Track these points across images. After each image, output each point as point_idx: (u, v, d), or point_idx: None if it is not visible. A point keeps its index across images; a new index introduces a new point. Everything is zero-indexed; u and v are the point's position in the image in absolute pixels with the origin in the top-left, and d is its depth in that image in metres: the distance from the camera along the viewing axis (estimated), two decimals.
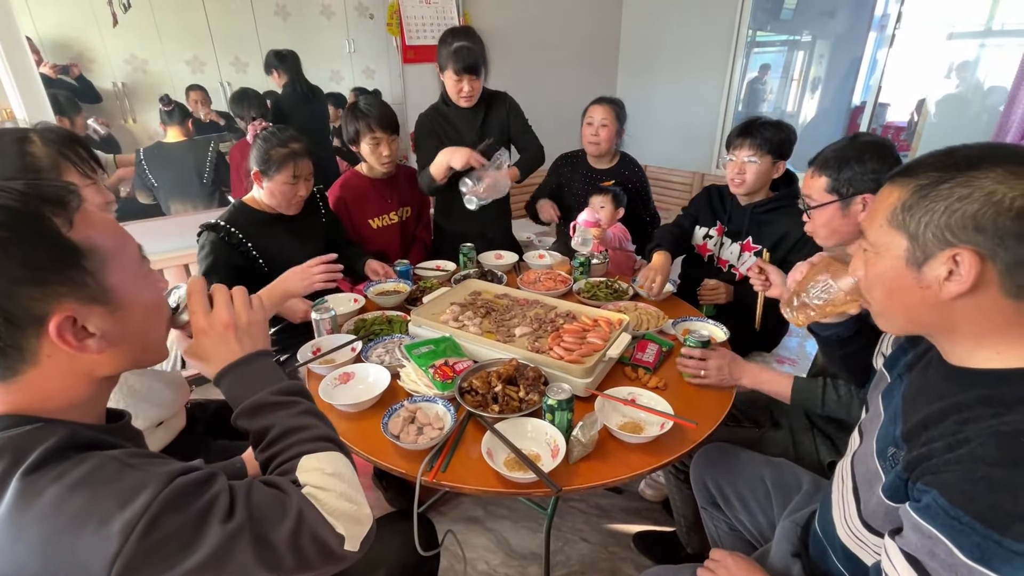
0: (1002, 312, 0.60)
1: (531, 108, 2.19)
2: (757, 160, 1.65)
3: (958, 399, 0.62)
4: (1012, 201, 0.55)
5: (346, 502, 0.61)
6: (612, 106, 2.17)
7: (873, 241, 0.68)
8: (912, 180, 0.62)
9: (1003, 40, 3.43)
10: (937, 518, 0.58)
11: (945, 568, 0.57)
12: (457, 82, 1.94)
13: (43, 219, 0.51)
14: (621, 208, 2.15)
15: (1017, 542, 0.52)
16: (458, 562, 1.60)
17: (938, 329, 0.66)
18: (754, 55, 4.44)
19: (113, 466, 0.51)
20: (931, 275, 0.61)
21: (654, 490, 1.83)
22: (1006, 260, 0.57)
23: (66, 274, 0.52)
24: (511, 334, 1.39)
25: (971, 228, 0.57)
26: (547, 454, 1.05)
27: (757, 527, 1.17)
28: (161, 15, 2.68)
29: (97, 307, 0.54)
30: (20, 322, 0.50)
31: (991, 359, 0.62)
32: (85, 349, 0.54)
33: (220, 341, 0.69)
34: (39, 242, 0.51)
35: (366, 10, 3.30)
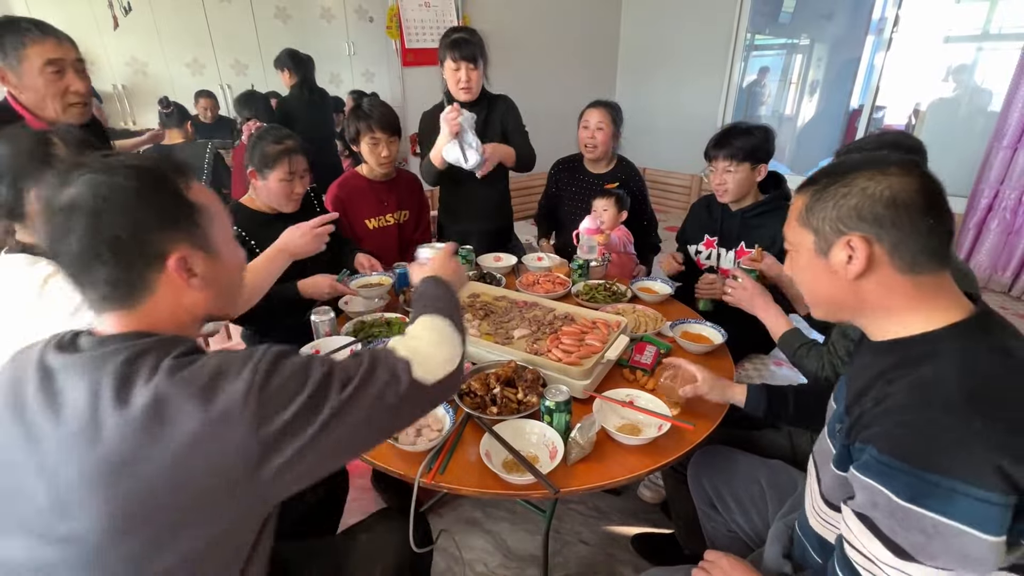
0: (901, 287, 0.71)
1: (530, 111, 2.20)
2: (734, 169, 1.68)
3: (882, 367, 0.72)
4: (881, 192, 0.68)
5: (427, 344, 0.77)
6: (608, 109, 2.17)
7: (791, 241, 0.80)
8: (811, 187, 0.76)
9: (999, 44, 3.45)
10: (872, 469, 0.65)
11: (887, 516, 0.63)
12: (455, 71, 1.97)
13: (170, 180, 0.66)
14: (624, 211, 2.15)
15: (935, 474, 0.59)
16: (456, 563, 1.60)
17: (856, 309, 0.76)
18: (752, 58, 4.46)
19: (235, 351, 0.65)
20: (836, 261, 0.73)
21: (653, 492, 1.83)
22: (890, 240, 0.69)
23: (183, 223, 0.66)
24: (509, 336, 1.39)
25: (855, 217, 0.70)
26: (545, 456, 1.06)
27: (754, 529, 1.17)
28: (161, 18, 2.69)
29: (202, 253, 0.68)
30: (149, 259, 0.64)
31: (901, 329, 0.72)
32: (190, 285, 0.67)
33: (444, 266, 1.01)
34: (167, 196, 0.65)
35: (366, 13, 3.31)
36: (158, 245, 0.64)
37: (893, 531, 0.63)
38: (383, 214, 2.08)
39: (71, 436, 0.56)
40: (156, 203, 0.64)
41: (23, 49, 1.32)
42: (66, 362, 0.61)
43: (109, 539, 0.55)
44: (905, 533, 0.62)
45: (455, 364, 0.77)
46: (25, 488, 0.57)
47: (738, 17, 4.12)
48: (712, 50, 4.31)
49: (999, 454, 0.58)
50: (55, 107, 1.39)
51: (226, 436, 0.57)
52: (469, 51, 1.94)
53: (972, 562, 0.60)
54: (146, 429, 0.55)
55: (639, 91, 4.87)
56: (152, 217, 0.63)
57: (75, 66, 1.41)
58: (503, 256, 2.08)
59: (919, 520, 0.60)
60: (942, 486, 0.59)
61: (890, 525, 0.63)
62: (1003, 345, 0.68)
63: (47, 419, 0.58)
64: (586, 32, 4.52)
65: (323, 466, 0.63)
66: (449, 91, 2.06)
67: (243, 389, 0.58)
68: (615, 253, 2.09)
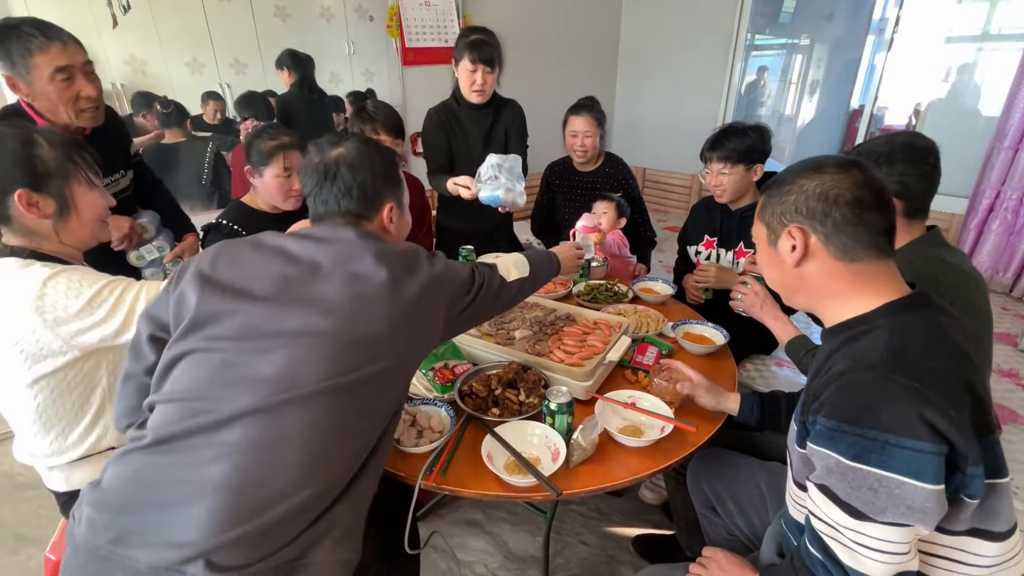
0: (840, 273, 0.78)
1: (529, 110, 2.19)
2: (728, 171, 1.69)
3: (831, 348, 0.80)
4: (814, 188, 0.78)
5: (507, 261, 1.13)
6: (591, 114, 2.17)
7: (753, 235, 0.90)
8: (768, 188, 0.86)
9: (1000, 44, 3.44)
10: (823, 436, 0.71)
11: (840, 479, 0.68)
12: (471, 72, 1.95)
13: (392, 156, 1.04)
14: (623, 218, 2.15)
15: (871, 429, 0.65)
16: (458, 565, 1.60)
17: (808, 295, 0.84)
18: (752, 58, 4.45)
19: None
20: (782, 250, 0.82)
21: (654, 493, 1.83)
22: (823, 231, 0.77)
23: (395, 182, 1.02)
24: (511, 337, 1.39)
25: (793, 211, 0.80)
26: (547, 457, 1.05)
27: (753, 531, 1.17)
28: (161, 16, 2.67)
29: (397, 206, 1.03)
30: (378, 204, 0.98)
31: (847, 312, 0.80)
32: (402, 220, 1.07)
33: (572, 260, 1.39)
34: (394, 168, 1.03)
35: (366, 12, 3.30)
36: (383, 197, 0.97)
37: (847, 493, 0.68)
38: None
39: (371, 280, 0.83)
40: (391, 169, 1.00)
41: (31, 58, 1.28)
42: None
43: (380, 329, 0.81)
44: (857, 493, 0.67)
45: (519, 275, 1.11)
46: (326, 296, 0.80)
47: (738, 17, 4.11)
48: (712, 50, 4.30)
49: (922, 405, 0.64)
50: (68, 113, 1.37)
51: (437, 289, 0.88)
52: (488, 53, 1.92)
53: (916, 513, 0.64)
54: (401, 275, 0.84)
55: (639, 91, 4.86)
56: (383, 177, 0.96)
57: (84, 70, 1.38)
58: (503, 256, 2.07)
59: (865, 477, 0.66)
60: (878, 440, 0.65)
61: (844, 488, 0.68)
62: (934, 320, 0.75)
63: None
64: (586, 32, 4.51)
65: (476, 319, 1.04)
66: (458, 91, 2.04)
67: (440, 268, 0.91)
68: (609, 256, 2.08)
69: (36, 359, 0.98)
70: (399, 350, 0.82)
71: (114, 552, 0.69)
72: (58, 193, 1.01)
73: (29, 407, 1.03)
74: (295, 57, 3.00)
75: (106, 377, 1.07)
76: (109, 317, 0.98)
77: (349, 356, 0.78)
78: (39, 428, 1.05)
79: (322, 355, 0.76)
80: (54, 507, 1.19)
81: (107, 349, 1.05)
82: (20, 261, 0.98)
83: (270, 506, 0.71)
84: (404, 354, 0.84)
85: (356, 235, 0.88)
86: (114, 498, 0.74)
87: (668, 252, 2.47)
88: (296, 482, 0.73)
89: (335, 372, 0.76)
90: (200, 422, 0.73)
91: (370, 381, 0.79)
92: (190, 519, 0.69)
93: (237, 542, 0.69)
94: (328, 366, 0.76)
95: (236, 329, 0.78)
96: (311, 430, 0.74)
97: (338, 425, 0.77)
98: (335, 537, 0.77)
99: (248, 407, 0.73)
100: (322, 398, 0.75)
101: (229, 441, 0.72)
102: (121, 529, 0.71)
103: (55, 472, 1.11)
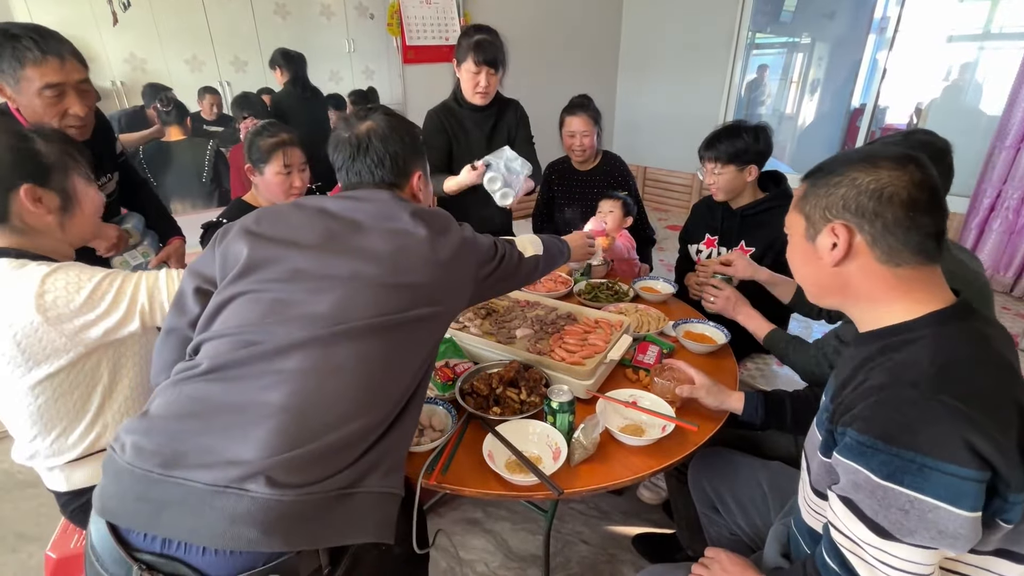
0: (882, 277, 0.73)
1: (530, 109, 2.19)
2: (719, 172, 1.71)
3: (865, 355, 0.74)
4: (867, 184, 0.70)
5: (525, 240, 1.20)
6: (588, 113, 2.16)
7: (787, 224, 0.84)
8: (811, 176, 0.79)
9: (1002, 43, 3.44)
10: (853, 450, 0.66)
11: (868, 496, 0.64)
12: (475, 74, 1.90)
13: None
14: (630, 217, 2.13)
15: (908, 450, 0.61)
16: (458, 563, 1.60)
17: (842, 295, 0.78)
18: (753, 57, 4.45)
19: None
20: (821, 246, 0.76)
21: (652, 492, 1.82)
22: (871, 231, 0.71)
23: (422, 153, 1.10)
24: (512, 335, 1.39)
25: (840, 206, 0.73)
26: (548, 456, 1.05)
27: (755, 531, 1.16)
28: (161, 14, 2.67)
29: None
30: (407, 173, 1.04)
31: (885, 318, 0.74)
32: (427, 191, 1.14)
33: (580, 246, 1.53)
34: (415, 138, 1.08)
35: (366, 10, 3.29)
36: (412, 167, 1.03)
37: (874, 510, 0.64)
38: None
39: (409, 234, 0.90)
40: (416, 140, 1.05)
41: (21, 70, 1.23)
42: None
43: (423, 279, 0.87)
44: (885, 512, 0.63)
45: (534, 252, 1.18)
46: (370, 248, 0.86)
47: (740, 16, 4.10)
48: (713, 49, 4.29)
49: (967, 428, 0.59)
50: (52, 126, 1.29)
51: (467, 251, 0.95)
52: (492, 55, 1.86)
53: (948, 538, 0.61)
54: (443, 226, 0.93)
55: (640, 90, 4.85)
56: (411, 147, 1.02)
57: (77, 88, 1.31)
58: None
59: (896, 498, 0.62)
60: (916, 462, 0.60)
61: (871, 505, 0.64)
62: (980, 332, 0.70)
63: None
64: (587, 30, 4.50)
65: (497, 288, 1.10)
66: (459, 91, 2.01)
67: (469, 233, 1.00)
68: (618, 260, 2.08)
69: (39, 360, 0.97)
70: (437, 298, 0.88)
71: (168, 475, 0.70)
72: (60, 187, 1.01)
73: (30, 409, 1.02)
74: (287, 56, 3.00)
75: (107, 375, 1.07)
76: (112, 309, 0.98)
77: (396, 300, 0.83)
78: (40, 429, 1.05)
79: (369, 297, 0.82)
80: (54, 505, 1.19)
81: (107, 346, 1.04)
82: (13, 261, 0.97)
83: (327, 431, 0.74)
84: (441, 303, 0.89)
85: (391, 196, 0.94)
86: (167, 424, 0.76)
87: (669, 251, 2.47)
88: (350, 412, 0.77)
89: (382, 311, 0.81)
90: (255, 351, 0.77)
91: (412, 324, 0.85)
92: (248, 440, 0.71)
93: (296, 462, 0.71)
94: (376, 306, 0.81)
95: (287, 272, 0.83)
96: (362, 361, 0.79)
97: (385, 359, 0.81)
98: (384, 469, 0.81)
99: (303, 338, 0.77)
100: (371, 333, 0.80)
101: (286, 368, 0.76)
102: (175, 452, 0.72)
103: (55, 472, 1.10)
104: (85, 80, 1.32)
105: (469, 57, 1.87)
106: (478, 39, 1.86)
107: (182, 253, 1.73)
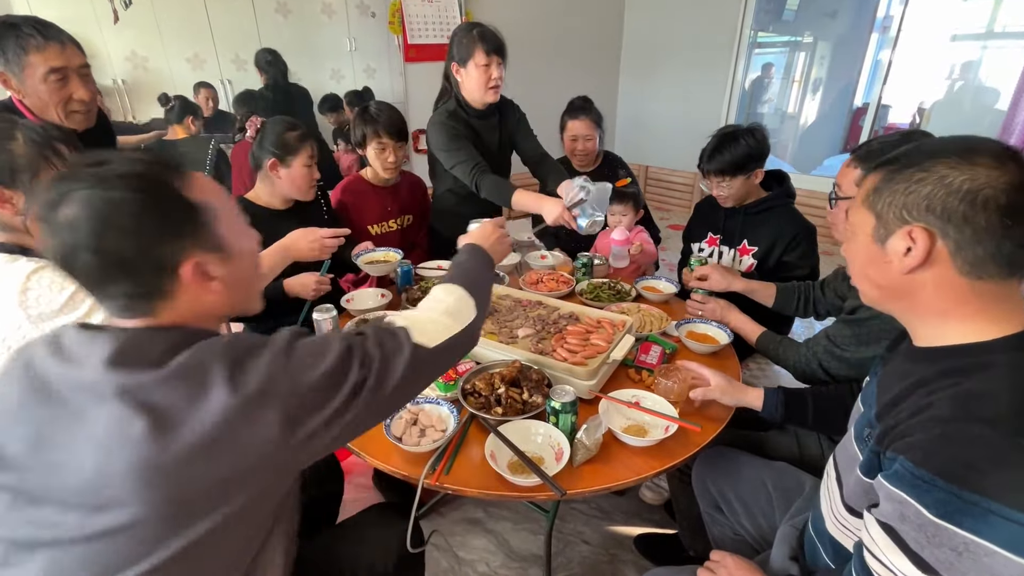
0: (958, 289, 0.64)
1: (532, 108, 2.17)
2: (727, 183, 1.68)
3: (923, 375, 0.67)
4: (960, 184, 0.61)
5: (427, 311, 0.81)
6: (590, 116, 2.15)
7: (852, 221, 0.74)
8: (886, 167, 0.69)
9: (1005, 42, 3.43)
10: (904, 481, 0.61)
11: (915, 529, 0.59)
12: (486, 68, 1.77)
13: (168, 184, 0.62)
14: (640, 210, 2.13)
15: (973, 493, 0.55)
16: (460, 564, 1.59)
17: (906, 305, 0.71)
18: (756, 56, 4.44)
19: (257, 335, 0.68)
20: (892, 250, 0.67)
21: (654, 493, 1.82)
22: (956, 239, 0.62)
23: (190, 228, 0.63)
24: (514, 335, 1.38)
25: (924, 208, 0.63)
26: (551, 457, 1.05)
27: (759, 531, 1.16)
28: (162, 13, 2.67)
29: (215, 254, 0.65)
30: (160, 271, 0.62)
31: (951, 336, 0.67)
32: (211, 290, 0.66)
33: (494, 240, 1.06)
34: (169, 203, 0.62)
35: (367, 8, 3.29)
36: (169, 257, 0.61)
37: (920, 545, 0.59)
38: (386, 220, 2.06)
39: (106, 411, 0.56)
40: (158, 213, 0.60)
41: (25, 56, 1.28)
42: (88, 337, 0.61)
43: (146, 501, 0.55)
44: (933, 549, 0.58)
45: (459, 327, 0.79)
46: (69, 462, 0.55)
47: (742, 15, 4.09)
48: (716, 48, 4.28)
49: None
50: (58, 114, 1.36)
51: (255, 411, 0.58)
52: (499, 42, 1.77)
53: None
54: (188, 394, 0.56)
55: (642, 89, 4.84)
56: (156, 229, 0.60)
57: (79, 72, 1.36)
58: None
59: (950, 537, 0.57)
60: (980, 506, 0.55)
61: (917, 539, 0.60)
62: None
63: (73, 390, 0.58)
64: (589, 29, 4.50)
65: (345, 436, 0.65)
66: (462, 99, 1.88)
67: (269, 363, 0.61)
68: (638, 264, 2.07)
69: None
70: (191, 516, 0.57)
71: None
72: (29, 188, 1.00)
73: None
74: (265, 58, 3.01)
75: None
76: (93, 311, 0.98)
77: (114, 554, 0.56)
78: None
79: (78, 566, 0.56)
80: None
81: None
82: (7, 256, 0.98)
83: None
84: (201, 516, 0.57)
85: (106, 361, 0.57)
86: None
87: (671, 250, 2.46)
88: None
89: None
90: None
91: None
92: None
93: None
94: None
95: None
96: None
97: None
98: None
99: None
100: None
101: None
102: None
103: None
104: (86, 65, 1.38)
105: (477, 50, 1.76)
106: (480, 30, 1.77)
107: None
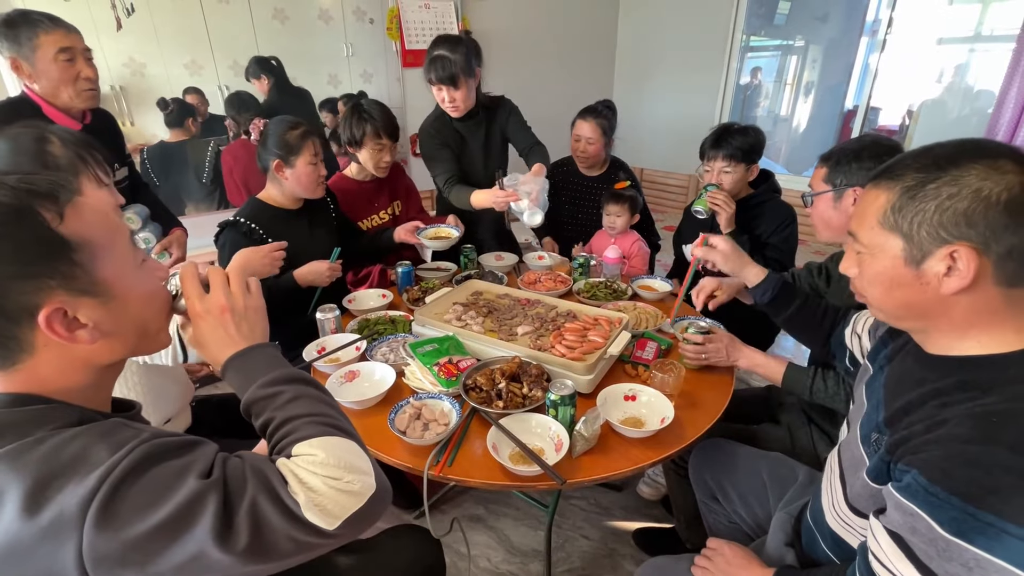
0: (992, 301, 0.62)
1: (527, 112, 2.21)
2: (731, 170, 1.71)
3: (937, 385, 0.65)
4: (999, 195, 0.58)
5: (331, 482, 0.56)
6: (599, 121, 2.17)
7: (867, 243, 0.69)
8: (897, 183, 0.64)
9: (991, 45, 3.48)
10: (917, 495, 0.60)
11: (926, 543, 0.59)
12: (438, 91, 1.90)
13: (33, 214, 0.51)
14: (637, 214, 2.15)
15: (990, 514, 0.55)
16: (461, 559, 1.61)
17: (932, 320, 0.67)
18: (748, 59, 4.49)
19: (110, 424, 0.54)
20: (931, 272, 0.63)
21: (652, 488, 1.85)
22: (998, 251, 0.59)
23: (55, 267, 0.52)
24: (513, 332, 1.41)
25: (964, 224, 0.59)
26: (551, 448, 1.07)
27: (755, 519, 1.19)
28: (160, 19, 2.69)
29: (87, 299, 0.54)
30: (13, 315, 0.51)
31: (970, 346, 0.65)
32: (76, 340, 0.54)
33: (217, 326, 0.66)
34: (29, 237, 0.51)
35: (364, 14, 3.32)
36: (22, 299, 0.51)
37: (929, 557, 0.59)
38: (376, 212, 2.08)
39: None
40: (12, 248, 0.50)
41: (36, 39, 1.42)
42: None
43: None
44: (943, 563, 0.58)
45: (366, 495, 0.58)
46: None
47: (734, 19, 4.15)
48: (708, 51, 4.34)
49: None
50: (68, 92, 1.50)
51: (50, 550, 0.46)
52: (448, 72, 1.81)
53: None
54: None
55: (636, 92, 4.89)
56: (8, 267, 0.50)
57: (84, 54, 1.52)
58: (504, 255, 2.09)
59: (961, 553, 0.56)
60: (995, 526, 0.54)
61: (927, 552, 0.59)
62: None
63: None
64: (584, 33, 4.54)
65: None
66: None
67: (83, 496, 0.46)
68: (630, 265, 2.10)
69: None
70: None
71: None
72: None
73: None
74: (262, 63, 3.00)
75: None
76: None
77: None
78: None
79: None
80: None
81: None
82: None
83: None
84: None
85: None
86: None
87: (666, 252, 2.50)
88: None
89: None
90: None
91: None
92: None
93: None
94: None
95: None
96: None
97: None
98: None
99: None
100: None
101: None
102: None
103: None
104: (88, 49, 1.55)
105: (427, 77, 1.88)
106: (434, 56, 1.83)
107: (183, 242, 1.80)
